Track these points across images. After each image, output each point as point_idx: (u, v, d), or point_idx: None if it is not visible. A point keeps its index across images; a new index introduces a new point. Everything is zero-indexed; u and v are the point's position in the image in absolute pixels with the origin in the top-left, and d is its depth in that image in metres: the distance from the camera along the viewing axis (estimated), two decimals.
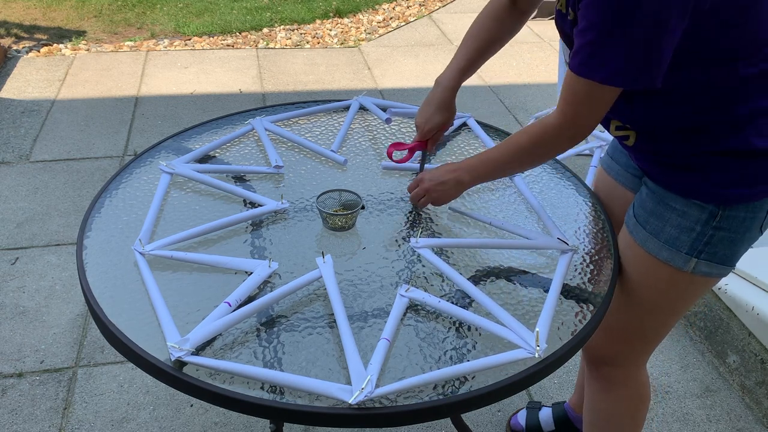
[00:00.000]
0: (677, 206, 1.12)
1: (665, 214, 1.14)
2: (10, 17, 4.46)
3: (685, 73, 1.00)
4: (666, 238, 1.14)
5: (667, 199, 1.14)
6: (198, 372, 0.96)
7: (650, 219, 1.16)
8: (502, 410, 1.86)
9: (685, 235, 1.12)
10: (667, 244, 1.14)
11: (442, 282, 1.17)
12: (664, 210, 1.14)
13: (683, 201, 1.12)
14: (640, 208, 1.20)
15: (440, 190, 1.22)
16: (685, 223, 1.12)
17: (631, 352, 1.32)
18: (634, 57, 0.94)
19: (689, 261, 1.14)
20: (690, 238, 1.12)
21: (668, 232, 1.14)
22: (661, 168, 1.14)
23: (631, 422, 1.42)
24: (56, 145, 3.05)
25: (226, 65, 3.92)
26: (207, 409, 1.82)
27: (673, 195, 1.13)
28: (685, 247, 1.13)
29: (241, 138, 1.59)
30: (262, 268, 1.14)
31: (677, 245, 1.13)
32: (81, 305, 2.15)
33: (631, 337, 1.29)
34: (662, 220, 1.15)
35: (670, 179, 1.13)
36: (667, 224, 1.14)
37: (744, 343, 1.97)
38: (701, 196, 1.09)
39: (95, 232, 1.24)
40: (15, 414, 1.79)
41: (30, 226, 2.51)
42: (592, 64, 0.97)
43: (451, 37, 4.45)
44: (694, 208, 1.11)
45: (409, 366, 1.00)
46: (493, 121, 3.34)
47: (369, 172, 1.48)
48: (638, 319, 1.25)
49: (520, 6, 1.32)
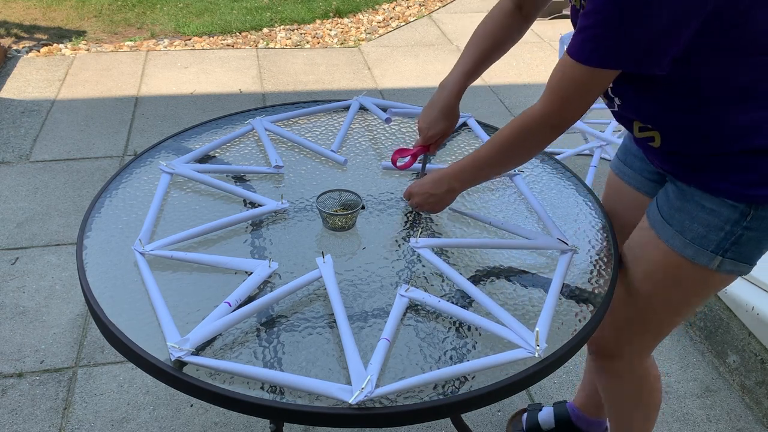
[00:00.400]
0: (707, 204, 1.10)
1: (694, 212, 1.12)
2: (10, 17, 4.46)
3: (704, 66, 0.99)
4: (693, 236, 1.12)
5: (696, 197, 1.12)
6: (198, 372, 0.96)
7: (676, 215, 1.14)
8: (502, 410, 1.86)
9: (714, 233, 1.10)
10: (693, 241, 1.12)
11: (442, 282, 1.17)
12: (693, 208, 1.12)
13: (714, 200, 1.09)
14: (665, 205, 1.17)
15: (432, 202, 1.23)
16: (715, 222, 1.10)
17: (635, 345, 1.32)
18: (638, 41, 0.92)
19: (714, 259, 1.12)
20: (718, 237, 1.10)
21: (695, 230, 1.12)
22: (687, 169, 1.12)
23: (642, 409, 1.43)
24: (56, 145, 3.05)
25: (226, 65, 3.92)
26: (207, 409, 1.82)
27: (703, 193, 1.11)
28: (711, 245, 1.11)
29: (241, 138, 1.59)
30: (262, 268, 1.14)
31: (704, 243, 1.11)
32: (81, 305, 2.15)
33: (637, 331, 1.29)
34: (690, 218, 1.12)
35: (698, 178, 1.11)
36: (695, 222, 1.12)
37: (744, 343, 1.97)
38: (731, 195, 1.07)
39: (95, 232, 1.24)
40: (15, 414, 1.79)
41: (30, 226, 2.51)
42: (590, 48, 0.96)
43: (451, 37, 4.45)
44: (725, 207, 1.08)
45: (409, 366, 1.00)
46: (493, 121, 3.34)
47: (369, 172, 1.48)
48: (647, 313, 1.25)
49: (525, 11, 1.32)
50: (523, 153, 1.14)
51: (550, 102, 1.05)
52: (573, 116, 1.05)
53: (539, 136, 1.09)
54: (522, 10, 1.32)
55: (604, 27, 0.93)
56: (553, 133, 1.08)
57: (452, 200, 1.23)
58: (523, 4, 1.31)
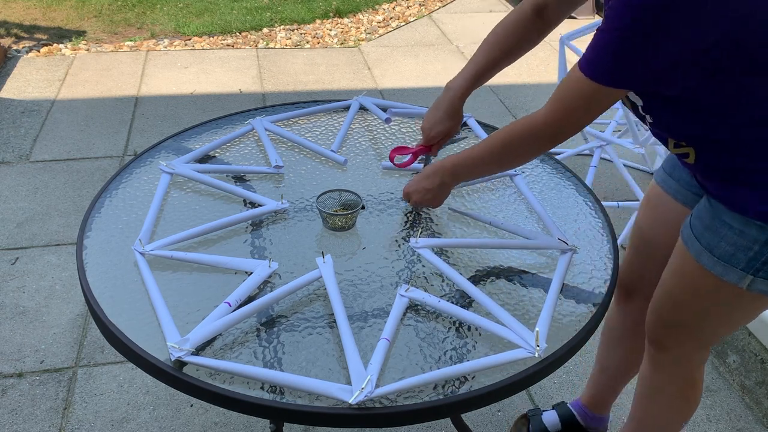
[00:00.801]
0: (735, 224, 1.08)
1: (721, 231, 1.10)
2: (10, 17, 4.46)
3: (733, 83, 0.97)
4: (720, 254, 1.11)
5: (724, 216, 1.10)
6: (198, 372, 0.96)
7: (705, 233, 1.13)
8: (502, 410, 1.85)
9: (742, 253, 1.08)
10: (722, 259, 1.11)
11: (442, 282, 1.17)
12: (720, 226, 1.10)
13: (741, 219, 1.07)
14: (696, 219, 1.16)
15: (428, 198, 1.23)
16: (742, 242, 1.08)
17: (678, 343, 1.30)
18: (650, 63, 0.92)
19: (744, 277, 1.09)
20: (747, 257, 1.08)
21: (723, 248, 1.10)
22: (720, 183, 1.10)
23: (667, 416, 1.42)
24: (56, 145, 3.05)
25: (226, 65, 3.92)
26: (207, 409, 1.82)
27: (731, 212, 1.08)
28: (741, 264, 1.09)
29: (241, 138, 1.59)
30: (262, 268, 1.14)
31: (732, 262, 1.09)
32: (81, 305, 2.15)
33: (680, 330, 1.27)
34: (718, 236, 1.11)
35: (727, 194, 1.09)
36: (723, 240, 1.10)
37: (744, 343, 1.97)
38: (759, 215, 1.05)
39: (95, 232, 1.24)
40: (15, 414, 1.79)
41: (30, 226, 2.51)
42: (602, 66, 0.95)
43: (451, 37, 4.45)
44: (752, 228, 1.06)
45: (409, 366, 1.00)
46: (493, 121, 3.34)
47: (369, 172, 1.48)
48: (686, 317, 1.23)
49: (546, 18, 1.30)
50: (518, 157, 1.14)
51: (554, 112, 1.04)
52: (574, 129, 1.05)
53: (537, 144, 1.09)
54: (542, 17, 1.30)
55: (620, 46, 0.93)
56: (552, 143, 1.07)
57: (447, 193, 1.23)
58: (543, 10, 1.29)
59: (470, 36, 4.47)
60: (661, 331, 1.31)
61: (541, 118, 1.06)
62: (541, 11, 1.29)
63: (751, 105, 1.00)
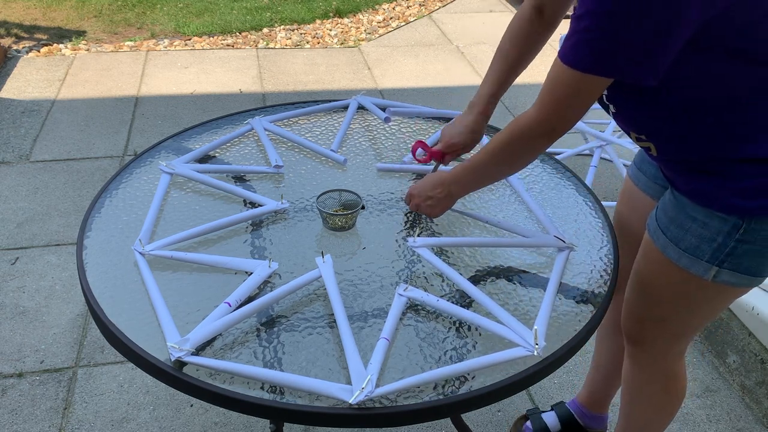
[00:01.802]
0: (699, 216, 1.10)
1: (686, 224, 1.12)
2: (10, 17, 4.46)
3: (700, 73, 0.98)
4: (686, 246, 1.12)
5: (688, 209, 1.11)
6: (198, 372, 0.96)
7: (671, 226, 1.14)
8: (502, 410, 1.86)
9: (706, 245, 1.10)
10: (687, 252, 1.12)
11: (442, 282, 1.17)
12: (684, 219, 1.12)
13: (705, 211, 1.09)
14: (662, 212, 1.17)
15: (430, 204, 1.22)
16: (707, 234, 1.09)
17: (654, 338, 1.30)
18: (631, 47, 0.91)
19: (710, 269, 1.11)
20: (711, 248, 1.09)
21: (689, 241, 1.12)
22: (684, 176, 1.11)
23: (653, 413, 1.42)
24: (56, 145, 3.05)
25: (226, 65, 3.92)
26: (207, 409, 1.82)
27: (695, 205, 1.10)
28: (705, 256, 1.10)
29: (241, 138, 1.59)
30: (262, 268, 1.14)
31: (697, 254, 1.11)
32: (81, 305, 2.15)
33: (654, 325, 1.28)
34: (683, 229, 1.12)
35: (691, 187, 1.10)
36: (688, 233, 1.11)
37: (744, 343, 1.97)
38: (722, 207, 1.06)
39: (95, 232, 1.24)
40: (15, 414, 1.79)
41: (30, 226, 2.51)
42: (582, 52, 0.94)
43: (451, 37, 4.45)
44: (715, 220, 1.07)
45: (409, 366, 1.00)
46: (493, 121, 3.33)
47: (369, 172, 1.48)
48: (660, 311, 1.24)
49: (547, 15, 1.29)
50: (518, 159, 1.13)
51: (542, 107, 1.03)
52: (566, 124, 1.03)
53: (531, 144, 1.08)
54: (543, 15, 1.28)
55: (596, 30, 0.91)
56: (547, 140, 1.06)
57: (451, 204, 1.23)
58: (543, 7, 1.28)
59: (470, 36, 4.47)
60: (634, 325, 1.32)
61: (532, 117, 1.05)
62: (541, 10, 1.28)
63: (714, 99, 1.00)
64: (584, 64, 0.94)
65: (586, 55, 0.94)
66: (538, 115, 1.04)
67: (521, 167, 1.16)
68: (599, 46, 0.92)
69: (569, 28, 0.97)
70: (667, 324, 1.26)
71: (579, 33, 0.93)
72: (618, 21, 0.89)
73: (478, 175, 1.17)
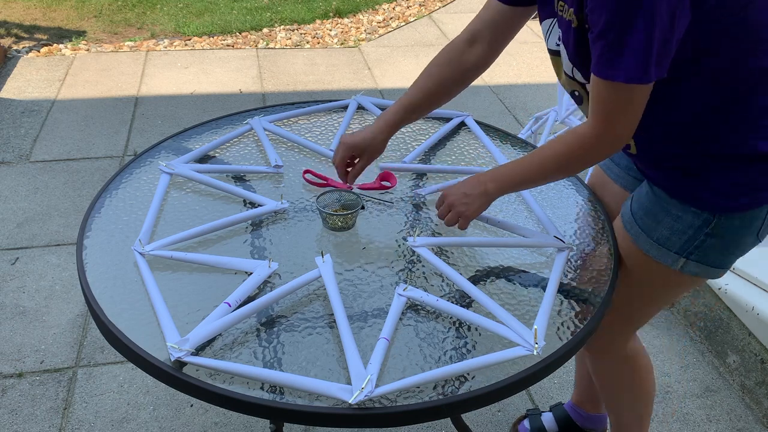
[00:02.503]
0: (673, 210, 1.14)
1: (660, 216, 1.16)
2: (10, 17, 4.46)
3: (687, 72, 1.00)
4: (657, 237, 1.16)
5: (663, 201, 1.15)
6: (198, 372, 0.96)
7: (645, 218, 1.18)
8: (502, 410, 1.86)
9: (677, 237, 1.14)
10: (658, 242, 1.17)
11: (442, 282, 1.17)
12: (659, 212, 1.16)
13: (681, 206, 1.13)
14: (636, 204, 1.21)
15: (465, 203, 1.18)
16: (678, 227, 1.14)
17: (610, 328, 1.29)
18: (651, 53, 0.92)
19: (678, 260, 1.16)
20: (681, 240, 1.14)
21: (660, 232, 1.16)
22: (663, 172, 1.15)
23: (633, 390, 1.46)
24: (56, 145, 3.05)
25: (226, 65, 3.92)
26: (207, 409, 1.82)
27: (670, 198, 1.14)
28: (675, 247, 1.15)
29: (240, 138, 1.59)
30: (262, 268, 1.14)
31: (667, 245, 1.16)
32: (81, 305, 2.15)
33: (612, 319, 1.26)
34: (656, 221, 1.16)
35: (671, 184, 1.14)
36: (660, 225, 1.16)
37: (744, 343, 1.97)
38: (699, 203, 1.11)
39: (95, 232, 1.24)
40: (15, 414, 1.79)
41: (30, 226, 2.51)
42: (614, 66, 0.95)
43: (451, 37, 4.44)
44: (689, 214, 1.12)
45: (409, 366, 1.00)
46: (492, 121, 3.34)
47: (368, 171, 1.48)
48: (620, 303, 1.25)
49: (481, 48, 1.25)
50: (572, 170, 1.13)
51: (599, 123, 1.03)
52: (626, 131, 1.03)
53: (593, 157, 1.08)
54: (474, 47, 1.26)
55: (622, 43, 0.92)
56: (610, 152, 1.07)
57: (486, 206, 1.19)
58: (475, 42, 1.26)
59: None
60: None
61: (591, 131, 1.04)
62: (474, 41, 1.26)
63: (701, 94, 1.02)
64: (619, 77, 0.95)
65: (618, 68, 0.95)
66: (597, 129, 1.03)
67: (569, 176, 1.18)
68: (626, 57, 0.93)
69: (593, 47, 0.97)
70: (621, 311, 1.28)
71: (606, 48, 0.94)
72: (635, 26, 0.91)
73: (522, 178, 1.16)
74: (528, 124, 2.77)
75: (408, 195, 1.40)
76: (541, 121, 2.70)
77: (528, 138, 2.67)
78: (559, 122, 2.60)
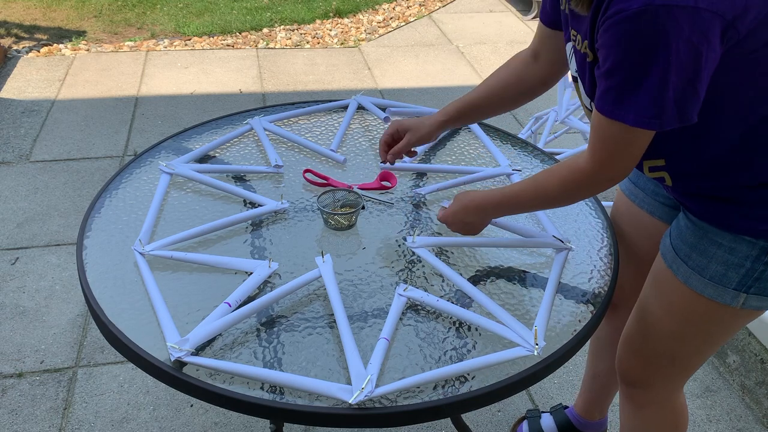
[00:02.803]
0: (724, 242, 1.05)
1: (710, 250, 1.06)
2: (10, 17, 4.46)
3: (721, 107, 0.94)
4: (711, 275, 1.07)
5: (711, 234, 1.06)
6: (198, 372, 0.96)
7: (692, 254, 1.09)
8: (502, 410, 1.86)
9: (733, 271, 1.05)
10: (713, 280, 1.07)
11: (442, 282, 1.17)
12: (708, 245, 1.07)
13: (731, 236, 1.04)
14: (679, 240, 1.12)
15: (468, 229, 1.20)
16: (733, 260, 1.04)
17: (660, 377, 1.26)
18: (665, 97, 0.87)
19: (738, 296, 1.06)
20: (738, 275, 1.04)
21: (714, 269, 1.06)
22: (703, 201, 1.07)
23: None
24: (56, 145, 3.05)
25: (226, 65, 3.92)
26: (207, 409, 1.82)
27: (719, 230, 1.05)
28: (732, 284, 1.05)
29: (240, 138, 1.59)
30: (262, 268, 1.14)
31: (724, 282, 1.06)
32: (81, 305, 2.15)
33: (662, 363, 1.23)
34: (707, 257, 1.07)
35: (712, 213, 1.06)
36: (713, 261, 1.06)
37: (744, 343, 1.97)
38: (753, 232, 1.02)
39: (95, 232, 1.24)
40: (15, 414, 1.79)
41: (30, 226, 2.51)
42: (622, 107, 0.90)
43: (451, 37, 4.44)
44: (743, 244, 1.03)
45: (409, 366, 1.00)
46: (492, 121, 3.34)
47: (369, 171, 1.48)
48: (672, 347, 1.19)
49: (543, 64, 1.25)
50: (567, 203, 1.11)
51: (596, 159, 0.99)
52: (624, 169, 0.99)
53: (588, 192, 1.05)
54: (539, 62, 1.26)
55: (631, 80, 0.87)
56: (606, 188, 1.03)
57: (486, 224, 1.21)
58: (538, 56, 1.26)
59: (470, 36, 4.47)
60: (638, 367, 1.27)
61: (587, 167, 1.01)
62: (537, 57, 1.26)
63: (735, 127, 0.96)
64: (627, 119, 0.90)
65: (626, 110, 0.90)
66: (594, 167, 1.00)
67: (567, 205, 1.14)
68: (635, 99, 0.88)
69: (599, 83, 0.93)
70: (678, 361, 1.21)
71: (613, 89, 0.90)
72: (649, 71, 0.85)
73: (517, 207, 1.16)
74: (528, 124, 2.77)
75: (408, 195, 1.40)
76: (541, 121, 2.70)
77: (528, 138, 2.67)
78: (559, 122, 2.60)
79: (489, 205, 1.16)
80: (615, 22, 0.85)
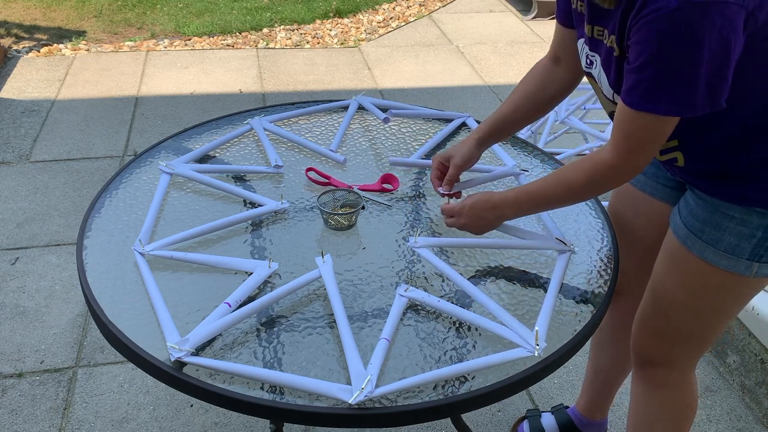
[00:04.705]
0: (735, 215, 1.09)
1: (723, 223, 1.11)
2: (10, 17, 4.46)
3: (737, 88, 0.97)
4: (725, 247, 1.11)
5: (723, 208, 1.11)
6: (198, 372, 0.96)
7: (705, 228, 1.13)
8: (502, 410, 1.85)
9: (746, 242, 1.09)
10: (727, 252, 1.11)
11: (443, 282, 1.17)
12: (721, 219, 1.11)
13: (742, 209, 1.09)
14: (690, 217, 1.16)
15: (480, 225, 1.20)
16: (745, 231, 1.09)
17: (678, 354, 1.28)
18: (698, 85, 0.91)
19: (752, 266, 1.11)
20: (750, 245, 1.09)
21: (727, 241, 1.11)
22: (713, 180, 1.11)
23: (674, 429, 1.38)
24: (56, 145, 3.05)
25: (226, 65, 3.92)
26: (207, 409, 1.82)
27: (730, 204, 1.10)
28: (746, 254, 1.10)
29: (240, 138, 1.59)
30: (262, 268, 1.14)
31: (737, 252, 1.10)
32: (81, 305, 2.15)
33: (679, 339, 1.26)
34: (720, 230, 1.11)
35: (723, 190, 1.10)
36: (726, 233, 1.11)
37: (744, 343, 1.97)
38: (761, 203, 1.07)
39: (95, 232, 1.24)
40: (15, 414, 1.79)
41: (30, 226, 2.51)
42: (653, 98, 0.94)
43: (451, 37, 4.44)
44: (754, 215, 1.08)
45: (409, 366, 1.00)
46: None
47: (369, 171, 1.48)
48: (689, 322, 1.22)
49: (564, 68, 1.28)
50: (590, 197, 1.13)
51: (621, 150, 1.02)
52: (646, 160, 1.03)
53: (612, 184, 1.08)
54: (559, 66, 1.28)
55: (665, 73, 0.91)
56: (630, 178, 1.07)
57: (498, 226, 1.21)
58: (559, 60, 1.28)
59: (470, 36, 4.47)
60: (656, 347, 1.29)
61: (611, 159, 1.04)
62: (558, 61, 1.29)
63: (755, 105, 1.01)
64: (659, 109, 0.94)
65: (659, 101, 0.94)
66: (619, 158, 1.03)
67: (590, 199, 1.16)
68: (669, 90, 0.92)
69: (628, 77, 0.96)
70: (693, 337, 1.24)
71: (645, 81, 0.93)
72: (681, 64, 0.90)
73: (539, 203, 1.16)
74: None
75: (409, 195, 1.40)
76: (541, 120, 2.70)
77: (528, 138, 2.66)
78: (559, 122, 2.60)
79: (505, 204, 1.17)
80: (652, 20, 0.90)
